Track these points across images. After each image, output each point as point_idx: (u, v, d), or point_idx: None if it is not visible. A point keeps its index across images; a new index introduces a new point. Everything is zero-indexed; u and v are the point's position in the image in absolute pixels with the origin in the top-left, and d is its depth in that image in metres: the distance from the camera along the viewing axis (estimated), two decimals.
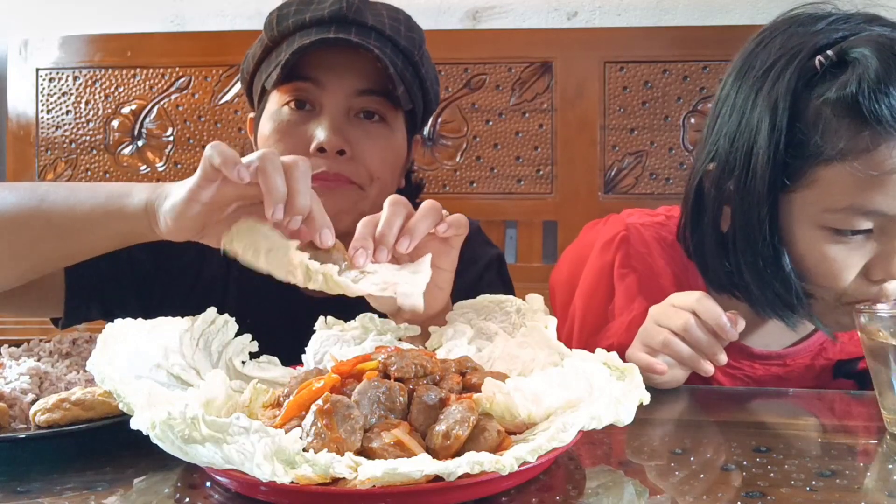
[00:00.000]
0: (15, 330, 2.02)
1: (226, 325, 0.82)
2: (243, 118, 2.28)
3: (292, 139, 1.06)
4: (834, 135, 0.85)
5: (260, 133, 1.11)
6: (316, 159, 1.04)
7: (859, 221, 0.87)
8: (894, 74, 0.83)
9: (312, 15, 1.07)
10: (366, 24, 1.07)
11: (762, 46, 0.94)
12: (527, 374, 0.77)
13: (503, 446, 0.62)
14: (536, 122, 2.21)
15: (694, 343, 0.88)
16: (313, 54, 1.04)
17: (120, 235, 0.87)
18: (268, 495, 0.60)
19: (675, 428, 0.84)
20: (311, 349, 0.87)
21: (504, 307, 0.88)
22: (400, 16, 1.12)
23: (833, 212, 0.87)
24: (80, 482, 0.65)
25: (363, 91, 1.07)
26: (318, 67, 1.06)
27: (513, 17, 2.32)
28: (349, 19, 1.07)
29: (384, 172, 1.09)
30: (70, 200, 0.85)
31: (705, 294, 0.88)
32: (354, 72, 1.06)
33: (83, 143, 2.34)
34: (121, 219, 0.84)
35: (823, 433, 0.82)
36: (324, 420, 0.61)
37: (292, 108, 1.07)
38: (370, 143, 1.07)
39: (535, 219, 2.22)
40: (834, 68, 0.87)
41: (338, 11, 1.06)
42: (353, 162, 1.06)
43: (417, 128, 1.19)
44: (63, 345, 0.87)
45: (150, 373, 0.73)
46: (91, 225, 0.85)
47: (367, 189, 1.08)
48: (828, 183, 0.87)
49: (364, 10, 1.08)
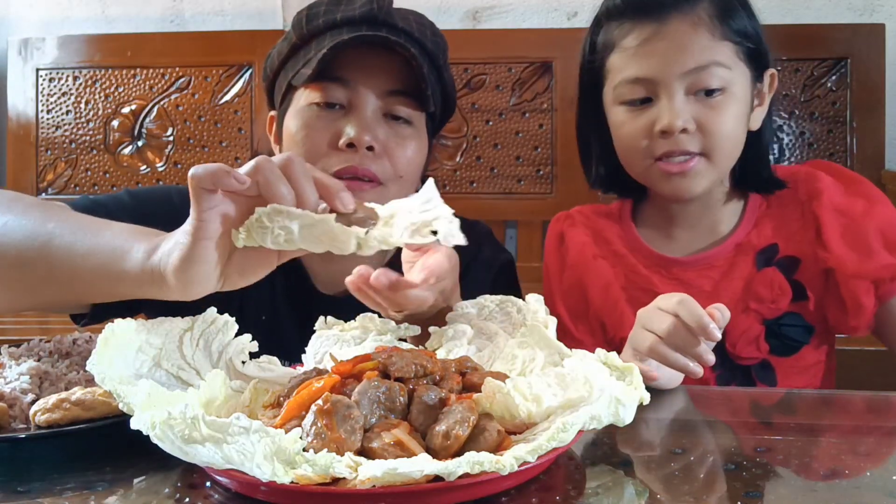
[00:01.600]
0: (15, 330, 2.02)
1: (226, 325, 0.82)
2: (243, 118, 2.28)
3: (320, 135, 1.07)
4: (609, 33, 1.14)
5: (286, 130, 1.11)
6: (344, 154, 1.05)
7: (635, 89, 1.10)
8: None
9: (343, 15, 1.08)
10: (396, 25, 1.08)
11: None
12: (527, 374, 0.77)
13: (503, 446, 0.62)
14: (536, 122, 2.21)
15: (679, 347, 0.88)
16: (344, 54, 1.05)
17: (128, 296, 0.78)
18: (268, 495, 0.60)
19: (675, 428, 0.84)
20: (311, 349, 0.87)
21: (504, 307, 0.88)
22: (425, 21, 1.14)
23: (620, 87, 1.11)
24: (80, 482, 0.65)
25: (392, 91, 1.08)
26: (349, 67, 1.07)
27: (513, 17, 2.32)
28: (380, 20, 1.08)
29: (409, 171, 1.10)
30: (74, 250, 0.78)
31: (688, 296, 0.90)
32: (384, 72, 1.07)
33: (83, 143, 2.34)
34: (122, 283, 0.76)
35: (823, 433, 0.82)
36: (324, 420, 0.61)
37: (321, 107, 1.08)
38: (398, 141, 1.09)
39: (535, 219, 2.22)
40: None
41: (369, 12, 1.07)
42: (381, 159, 1.07)
43: (436, 131, 1.20)
44: (63, 345, 0.87)
45: (150, 373, 0.73)
46: (93, 287, 0.79)
47: (389, 186, 1.09)
48: (614, 68, 1.13)
49: (393, 12, 1.09)
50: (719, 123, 1.07)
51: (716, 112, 1.07)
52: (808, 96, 2.09)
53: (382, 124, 1.08)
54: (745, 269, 1.14)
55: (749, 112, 1.12)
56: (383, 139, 1.07)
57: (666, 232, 1.21)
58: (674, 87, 1.07)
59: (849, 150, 2.10)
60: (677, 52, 1.06)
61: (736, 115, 1.09)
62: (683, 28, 1.07)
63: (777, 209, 1.17)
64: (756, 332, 1.11)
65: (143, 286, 0.74)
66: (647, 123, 1.09)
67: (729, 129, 1.09)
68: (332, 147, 1.06)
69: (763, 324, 1.12)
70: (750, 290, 1.12)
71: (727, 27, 1.08)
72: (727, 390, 1.04)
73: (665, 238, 1.20)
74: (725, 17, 1.08)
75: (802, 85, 2.08)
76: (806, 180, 1.16)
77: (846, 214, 1.11)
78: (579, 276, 1.20)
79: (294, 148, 1.08)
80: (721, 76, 1.07)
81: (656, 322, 0.90)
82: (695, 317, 0.87)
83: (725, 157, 1.11)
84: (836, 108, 2.10)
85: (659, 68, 1.07)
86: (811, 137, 2.09)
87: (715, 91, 1.07)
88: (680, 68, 1.06)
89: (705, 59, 1.06)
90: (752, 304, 1.12)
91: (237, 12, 2.39)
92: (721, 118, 1.07)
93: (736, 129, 1.10)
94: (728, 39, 1.08)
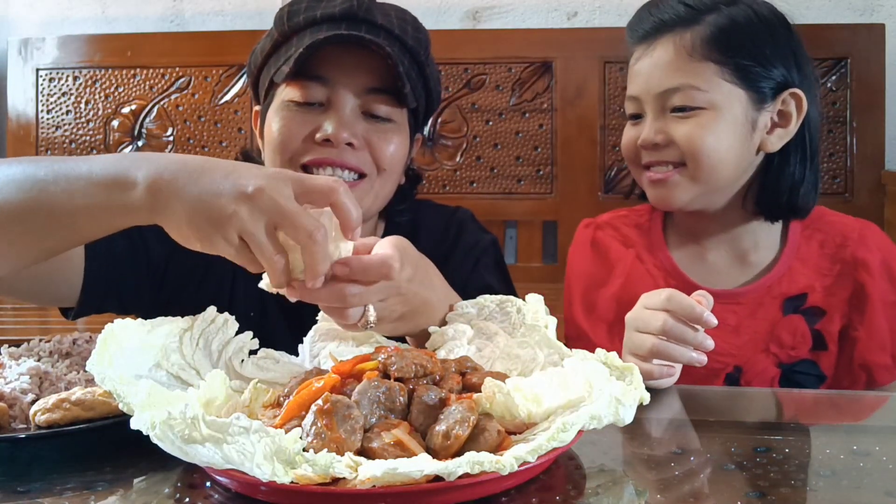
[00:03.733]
0: (15, 330, 2.02)
1: (225, 323, 0.82)
2: (243, 118, 2.28)
3: (298, 131, 1.07)
4: (628, 53, 1.20)
5: (266, 126, 1.12)
6: (321, 148, 1.06)
7: (630, 105, 1.18)
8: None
9: (323, 12, 1.08)
10: (375, 22, 1.09)
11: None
12: (527, 374, 0.77)
13: (503, 446, 0.62)
14: (536, 122, 2.21)
15: (678, 340, 0.89)
16: (323, 52, 1.05)
17: (124, 226, 0.80)
18: (268, 495, 0.60)
19: (675, 428, 0.84)
20: (308, 341, 0.87)
21: (504, 307, 0.88)
22: (407, 16, 1.14)
23: (625, 103, 1.20)
24: (80, 482, 0.65)
25: (371, 89, 1.08)
26: (328, 65, 1.07)
27: (513, 17, 2.32)
28: (359, 17, 1.08)
29: (392, 165, 1.11)
30: (70, 191, 0.78)
31: (673, 290, 0.91)
32: (363, 70, 1.08)
33: (83, 143, 2.34)
34: (123, 215, 0.77)
35: (824, 433, 0.82)
36: (324, 420, 0.61)
37: (300, 103, 1.08)
38: (378, 136, 1.09)
39: (535, 219, 2.22)
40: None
41: (348, 9, 1.08)
42: (362, 152, 1.08)
43: (419, 126, 1.20)
44: (63, 345, 0.87)
45: (150, 373, 0.73)
46: (92, 220, 0.79)
47: (373, 180, 1.09)
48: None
49: (374, 9, 1.10)
50: (693, 139, 1.09)
51: (689, 128, 1.10)
52: None
53: (361, 121, 1.09)
54: (772, 311, 1.14)
55: (750, 132, 1.11)
56: (363, 133, 1.08)
57: (698, 254, 1.20)
58: (652, 104, 1.14)
59: (849, 150, 2.10)
60: (654, 74, 1.13)
61: (719, 133, 1.10)
62: (662, 51, 1.13)
63: (816, 254, 1.17)
64: (772, 374, 1.12)
65: (143, 217, 0.75)
66: (636, 136, 1.16)
67: (707, 146, 1.09)
68: (309, 142, 1.07)
69: (779, 367, 1.12)
70: (773, 334, 1.13)
71: (714, 50, 1.10)
72: (727, 390, 1.04)
73: (699, 262, 1.20)
74: (717, 39, 1.10)
75: None
76: (857, 239, 1.16)
77: (883, 301, 1.12)
78: (634, 289, 1.14)
79: (273, 144, 1.09)
80: (694, 97, 1.10)
81: (650, 322, 0.90)
82: (687, 308, 0.88)
83: (706, 172, 1.10)
84: (836, 108, 2.10)
85: (641, 88, 1.15)
86: None
87: (687, 109, 1.10)
88: (655, 88, 1.12)
89: (677, 81, 1.11)
90: (772, 347, 1.13)
91: (237, 12, 2.39)
92: (694, 134, 1.09)
93: (719, 148, 1.10)
94: (711, 61, 1.10)
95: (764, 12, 1.13)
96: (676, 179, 1.13)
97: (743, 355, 1.12)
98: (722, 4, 1.13)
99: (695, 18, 1.12)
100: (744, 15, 1.12)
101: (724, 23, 1.11)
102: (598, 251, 1.25)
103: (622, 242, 1.24)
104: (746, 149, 1.12)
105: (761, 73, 1.11)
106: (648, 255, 1.21)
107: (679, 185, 1.13)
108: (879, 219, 2.00)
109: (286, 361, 0.85)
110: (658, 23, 1.14)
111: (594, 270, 1.23)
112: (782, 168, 1.14)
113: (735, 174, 1.13)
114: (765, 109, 1.12)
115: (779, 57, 1.12)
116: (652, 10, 1.16)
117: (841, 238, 1.16)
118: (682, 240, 1.22)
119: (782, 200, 1.14)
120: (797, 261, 1.16)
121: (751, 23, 1.12)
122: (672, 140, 1.11)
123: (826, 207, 1.21)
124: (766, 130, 1.12)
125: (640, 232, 1.25)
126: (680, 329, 0.89)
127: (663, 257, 1.21)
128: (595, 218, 1.30)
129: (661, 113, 1.13)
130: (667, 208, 1.20)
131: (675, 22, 1.13)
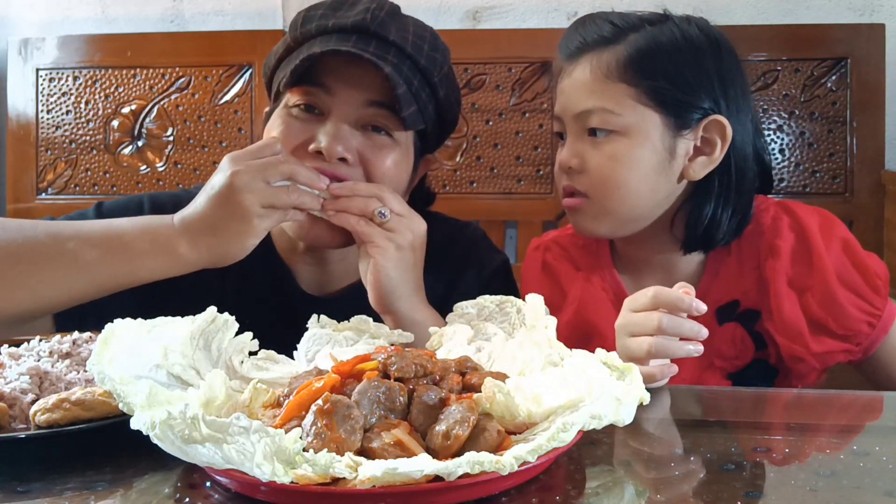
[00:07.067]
0: None
1: (226, 324, 0.82)
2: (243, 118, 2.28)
3: (295, 138, 1.07)
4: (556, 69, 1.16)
5: (268, 128, 1.12)
6: (314, 159, 1.05)
7: (556, 124, 1.14)
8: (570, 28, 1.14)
9: (336, 22, 1.06)
10: (387, 38, 1.06)
11: None
12: (527, 374, 0.77)
13: (503, 446, 0.62)
14: (536, 122, 2.21)
15: (676, 334, 0.89)
16: (327, 61, 1.04)
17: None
18: (268, 495, 0.60)
19: (675, 428, 0.84)
20: (303, 346, 0.87)
21: (504, 308, 0.88)
22: (426, 33, 1.11)
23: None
24: (80, 482, 0.65)
25: (372, 103, 1.06)
26: (331, 74, 1.06)
27: (513, 17, 2.32)
28: (371, 31, 1.06)
29: (387, 182, 1.07)
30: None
31: (657, 287, 0.90)
32: (366, 83, 1.06)
33: (83, 143, 2.34)
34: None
35: (823, 433, 0.82)
36: (324, 420, 0.61)
37: (301, 110, 1.08)
38: (374, 152, 1.07)
39: (535, 219, 2.22)
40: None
41: (361, 22, 1.05)
42: (355, 168, 1.06)
43: (429, 148, 1.18)
44: (63, 345, 0.87)
45: (150, 373, 0.73)
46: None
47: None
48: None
49: (389, 23, 1.07)
50: (603, 171, 1.06)
51: (601, 160, 1.06)
52: (808, 96, 2.08)
53: (359, 135, 1.07)
54: (705, 325, 1.05)
55: (668, 159, 1.06)
56: (359, 149, 1.06)
57: (638, 275, 1.16)
58: (571, 125, 1.10)
59: (849, 150, 2.10)
60: (572, 95, 1.10)
61: (632, 161, 1.05)
62: (580, 71, 1.09)
63: (736, 260, 1.12)
64: (723, 387, 1.08)
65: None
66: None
67: (618, 179, 1.06)
68: (303, 151, 1.05)
69: (728, 378, 1.09)
70: (713, 348, 1.06)
71: (630, 71, 1.05)
72: (726, 390, 1.04)
73: (640, 283, 1.10)
74: (633, 61, 1.05)
75: (802, 85, 2.08)
76: (771, 229, 1.10)
77: (795, 287, 1.07)
78: (586, 314, 1.14)
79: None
80: (608, 120, 1.06)
81: (645, 323, 0.90)
82: (676, 301, 0.88)
83: (612, 199, 1.07)
84: (836, 108, 2.10)
85: (561, 108, 1.12)
86: (811, 137, 2.09)
87: (603, 132, 1.06)
88: (572, 109, 1.09)
89: (591, 103, 1.07)
90: (716, 362, 1.09)
91: (237, 12, 2.39)
92: (605, 167, 1.06)
93: (631, 179, 1.06)
94: (625, 83, 1.05)
95: (692, 34, 1.07)
96: (581, 207, 1.10)
97: (691, 377, 1.06)
98: (647, 24, 1.08)
99: (616, 38, 1.07)
100: (668, 36, 1.06)
101: (643, 44, 1.06)
102: (551, 276, 1.20)
103: (572, 264, 1.20)
104: (664, 177, 1.07)
105: (679, 97, 1.05)
106: (596, 277, 1.17)
107: (584, 212, 1.10)
108: (879, 219, 2.00)
109: (286, 362, 0.85)
110: (582, 42, 1.10)
111: (548, 294, 1.16)
112: (701, 200, 1.09)
113: (650, 203, 1.08)
114: (683, 136, 1.06)
115: (702, 81, 1.06)
116: (580, 28, 1.12)
117: (758, 231, 1.11)
118: (623, 260, 1.19)
119: (697, 233, 1.09)
120: (723, 267, 1.11)
121: (674, 44, 1.06)
122: (586, 167, 1.08)
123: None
124: (687, 157, 1.07)
125: (587, 252, 1.20)
126: (677, 322, 0.88)
127: (610, 277, 1.17)
128: (542, 237, 1.26)
129: (580, 135, 1.09)
130: (584, 235, 1.16)
131: (597, 42, 1.08)
